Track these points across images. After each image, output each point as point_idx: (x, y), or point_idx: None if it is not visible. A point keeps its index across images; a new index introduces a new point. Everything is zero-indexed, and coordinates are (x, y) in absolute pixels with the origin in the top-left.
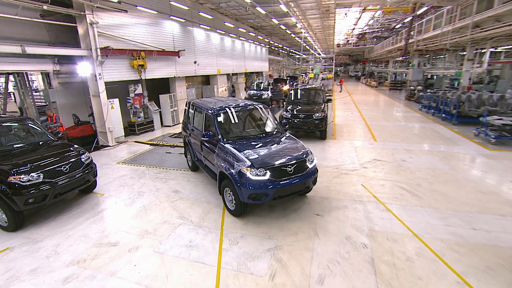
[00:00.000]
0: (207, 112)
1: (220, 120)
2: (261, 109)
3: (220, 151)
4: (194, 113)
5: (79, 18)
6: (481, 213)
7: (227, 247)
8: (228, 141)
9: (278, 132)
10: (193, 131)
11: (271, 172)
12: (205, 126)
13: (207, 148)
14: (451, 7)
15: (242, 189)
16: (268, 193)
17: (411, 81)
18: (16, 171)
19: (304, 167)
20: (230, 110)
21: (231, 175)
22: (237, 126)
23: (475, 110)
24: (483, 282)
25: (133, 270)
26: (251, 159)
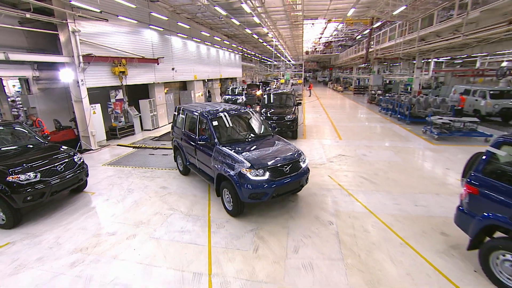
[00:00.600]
0: (201, 116)
1: (215, 124)
2: (252, 113)
3: (217, 154)
4: (186, 118)
5: (61, 26)
6: (422, 193)
7: (215, 230)
8: (224, 144)
9: (269, 134)
10: (185, 136)
11: (270, 172)
12: (199, 130)
13: (202, 152)
14: (401, 22)
15: (243, 189)
16: (268, 192)
17: (372, 86)
18: (14, 171)
19: (298, 166)
20: (224, 114)
21: (231, 176)
22: (231, 130)
23: (423, 111)
24: (419, 242)
25: (133, 253)
26: (250, 161)
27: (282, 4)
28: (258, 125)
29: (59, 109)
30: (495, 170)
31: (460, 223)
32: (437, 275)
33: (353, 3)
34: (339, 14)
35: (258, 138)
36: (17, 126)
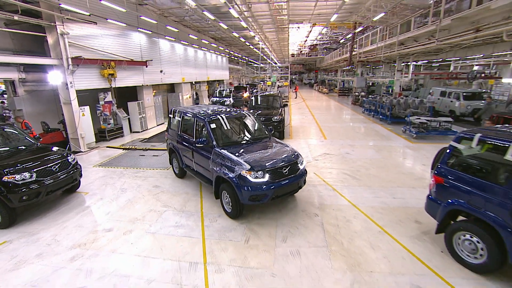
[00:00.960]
0: (198, 119)
1: (213, 126)
2: (249, 116)
3: (216, 157)
4: (182, 120)
5: (49, 28)
6: (400, 187)
7: (208, 224)
8: (222, 146)
9: (266, 137)
10: (181, 138)
11: (269, 174)
12: (196, 133)
13: (200, 155)
14: (382, 27)
15: (243, 192)
16: (268, 194)
17: (356, 88)
18: (9, 171)
19: (296, 168)
20: (222, 117)
21: (231, 179)
22: (229, 132)
23: (403, 112)
24: (395, 229)
25: (131, 247)
26: (250, 163)
27: (268, 9)
28: (255, 127)
29: (47, 112)
30: (457, 162)
31: (429, 210)
32: (410, 257)
33: (336, 9)
34: (323, 18)
35: (255, 141)
36: (8, 128)
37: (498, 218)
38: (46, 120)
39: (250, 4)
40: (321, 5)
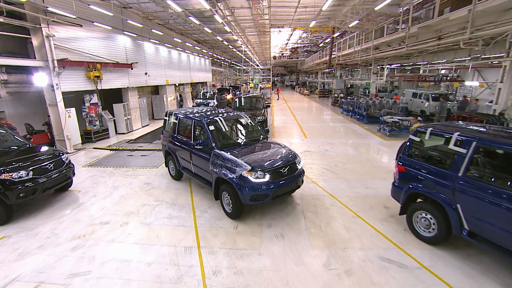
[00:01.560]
0: (196, 121)
1: (212, 128)
2: (246, 117)
3: (216, 158)
4: (179, 122)
5: (34, 30)
6: (373, 179)
7: (199, 215)
8: (221, 148)
9: (264, 138)
10: (178, 140)
11: (270, 174)
12: (194, 135)
13: (199, 156)
14: (358, 32)
15: (244, 192)
16: (268, 194)
17: (335, 90)
18: (6, 170)
19: (295, 168)
20: (220, 119)
21: (232, 179)
22: (228, 134)
23: (378, 112)
24: (367, 214)
25: (129, 237)
26: (251, 163)
27: (250, 14)
28: (253, 128)
29: (31, 113)
30: (415, 152)
31: (394, 195)
32: (378, 235)
33: (314, 15)
34: (303, 23)
35: (253, 142)
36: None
37: (444, 197)
38: (31, 122)
39: (233, 9)
40: (301, 11)
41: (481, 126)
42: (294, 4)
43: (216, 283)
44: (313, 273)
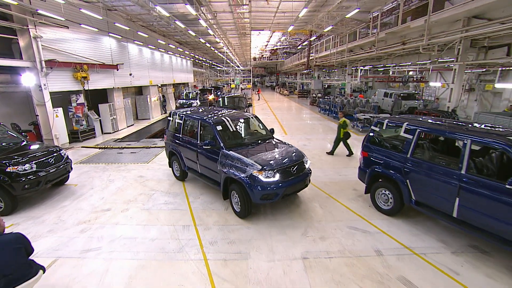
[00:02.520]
0: (204, 122)
1: (219, 128)
2: (253, 118)
3: (224, 158)
4: (184, 123)
5: (21, 31)
6: (345, 168)
7: (193, 200)
8: (229, 148)
9: (270, 137)
10: (183, 141)
11: (279, 173)
12: (200, 136)
13: (206, 157)
14: (334, 35)
15: (255, 191)
16: (278, 193)
17: (313, 90)
18: (11, 163)
19: (303, 167)
20: (227, 119)
21: (242, 179)
22: (235, 134)
23: (352, 110)
24: (338, 195)
25: (131, 220)
26: (260, 163)
27: (232, 17)
28: (259, 128)
29: (17, 113)
30: (376, 140)
31: (360, 177)
32: (348, 211)
33: (292, 20)
34: (282, 27)
35: (261, 141)
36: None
37: (397, 175)
38: (17, 121)
39: (216, 13)
40: (280, 16)
41: (427, 119)
42: (273, 9)
43: (213, 250)
44: (294, 240)
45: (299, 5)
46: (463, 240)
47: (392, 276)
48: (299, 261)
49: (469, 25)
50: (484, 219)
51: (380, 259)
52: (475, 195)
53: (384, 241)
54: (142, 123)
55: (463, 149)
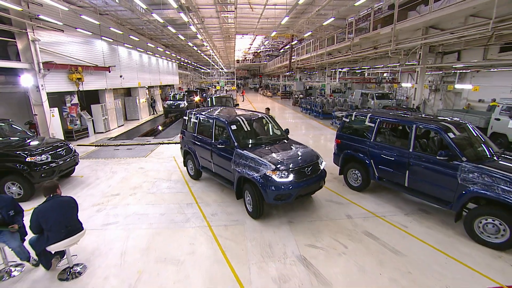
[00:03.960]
0: (218, 121)
1: (234, 128)
2: (267, 118)
3: (238, 158)
4: (199, 122)
5: (19, 34)
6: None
7: (192, 185)
8: (243, 147)
9: (285, 138)
10: (198, 140)
11: (294, 174)
12: (215, 135)
13: (219, 156)
14: (314, 39)
15: (268, 191)
16: (292, 193)
17: (295, 91)
18: (30, 154)
19: (318, 168)
20: (242, 119)
21: (255, 179)
22: (249, 134)
23: (331, 109)
24: None
25: (140, 201)
26: (274, 163)
27: (218, 22)
28: (274, 128)
29: (12, 114)
30: (347, 129)
31: (335, 161)
32: (325, 189)
33: (275, 26)
34: (265, 32)
35: (275, 141)
36: (12, 123)
37: (364, 156)
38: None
39: (203, 19)
40: (263, 22)
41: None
42: (257, 15)
43: (214, 220)
44: (282, 212)
45: (282, 12)
46: (414, 206)
47: (358, 231)
48: (286, 225)
49: (427, 34)
50: (425, 184)
51: (350, 221)
52: (419, 167)
53: (353, 209)
54: (131, 123)
55: (410, 133)
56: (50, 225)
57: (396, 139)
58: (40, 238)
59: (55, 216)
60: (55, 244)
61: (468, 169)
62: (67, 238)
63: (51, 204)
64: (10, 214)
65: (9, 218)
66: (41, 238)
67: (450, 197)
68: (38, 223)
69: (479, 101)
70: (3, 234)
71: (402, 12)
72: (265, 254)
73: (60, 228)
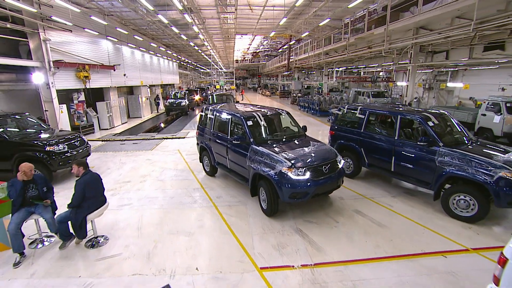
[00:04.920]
0: (235, 117)
1: (250, 124)
2: (285, 114)
3: (254, 154)
4: (215, 118)
5: (31, 34)
6: None
7: (197, 174)
8: (259, 144)
9: (302, 135)
10: (214, 136)
11: (310, 171)
12: (231, 131)
13: (235, 152)
14: (312, 39)
15: (283, 189)
16: (308, 192)
17: (294, 90)
18: (49, 143)
19: (336, 167)
20: (258, 115)
21: (270, 176)
22: (266, 130)
23: (328, 106)
24: None
25: (150, 186)
26: (291, 160)
27: (219, 23)
28: (291, 125)
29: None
30: (340, 122)
31: None
32: None
33: (273, 26)
34: (264, 32)
35: (292, 138)
36: (29, 116)
37: (356, 145)
38: None
39: (205, 19)
40: (262, 22)
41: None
42: (256, 16)
43: (219, 201)
44: None
45: (280, 13)
46: (400, 190)
47: (349, 209)
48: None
49: (417, 34)
50: (409, 168)
51: (342, 201)
52: (403, 152)
53: (345, 192)
54: (134, 121)
55: (395, 123)
56: (93, 194)
57: (384, 129)
58: (79, 210)
59: (95, 186)
60: (93, 212)
61: (445, 153)
62: (100, 207)
63: (90, 177)
64: (44, 191)
65: (43, 194)
66: (79, 210)
67: (430, 179)
68: (83, 193)
69: (470, 99)
70: (39, 207)
71: (394, 13)
72: (266, 228)
73: (98, 197)
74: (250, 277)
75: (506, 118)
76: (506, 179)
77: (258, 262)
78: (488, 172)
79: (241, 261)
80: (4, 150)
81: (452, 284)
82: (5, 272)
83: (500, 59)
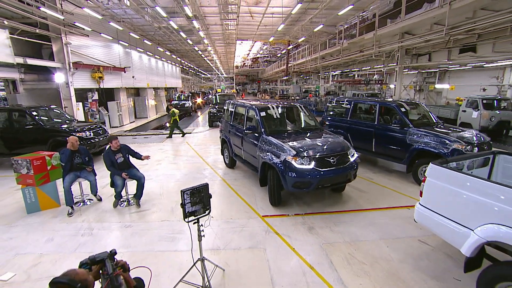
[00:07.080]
0: (250, 108)
1: (263, 114)
2: (300, 107)
3: (263, 143)
4: (235, 111)
5: (55, 38)
6: None
7: (205, 159)
8: (270, 134)
9: (317, 128)
10: (233, 128)
11: (315, 162)
12: (247, 122)
13: (248, 142)
14: (309, 44)
15: (287, 178)
16: (312, 182)
17: (292, 94)
18: (78, 130)
19: (345, 159)
20: (272, 106)
21: (276, 164)
22: (279, 122)
23: (324, 107)
24: None
25: (165, 167)
26: (295, 149)
27: (221, 29)
28: (306, 118)
29: None
30: (330, 113)
31: None
32: None
33: (273, 32)
34: (264, 38)
35: (305, 130)
36: (56, 108)
37: (343, 132)
38: None
39: (208, 26)
40: (262, 29)
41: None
42: (256, 23)
43: (226, 177)
44: None
45: (278, 20)
46: (382, 168)
47: None
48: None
49: (403, 38)
50: (386, 147)
51: None
52: (381, 135)
53: None
54: (141, 120)
55: (375, 111)
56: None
57: (366, 116)
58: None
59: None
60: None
61: (413, 132)
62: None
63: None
64: (86, 159)
65: (86, 162)
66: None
67: (403, 155)
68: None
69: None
70: (84, 172)
71: (382, 20)
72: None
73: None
74: (255, 221)
75: (482, 113)
76: (458, 150)
77: (260, 212)
78: (445, 146)
79: (246, 211)
80: (41, 135)
81: (410, 223)
82: (63, 219)
83: (474, 61)
